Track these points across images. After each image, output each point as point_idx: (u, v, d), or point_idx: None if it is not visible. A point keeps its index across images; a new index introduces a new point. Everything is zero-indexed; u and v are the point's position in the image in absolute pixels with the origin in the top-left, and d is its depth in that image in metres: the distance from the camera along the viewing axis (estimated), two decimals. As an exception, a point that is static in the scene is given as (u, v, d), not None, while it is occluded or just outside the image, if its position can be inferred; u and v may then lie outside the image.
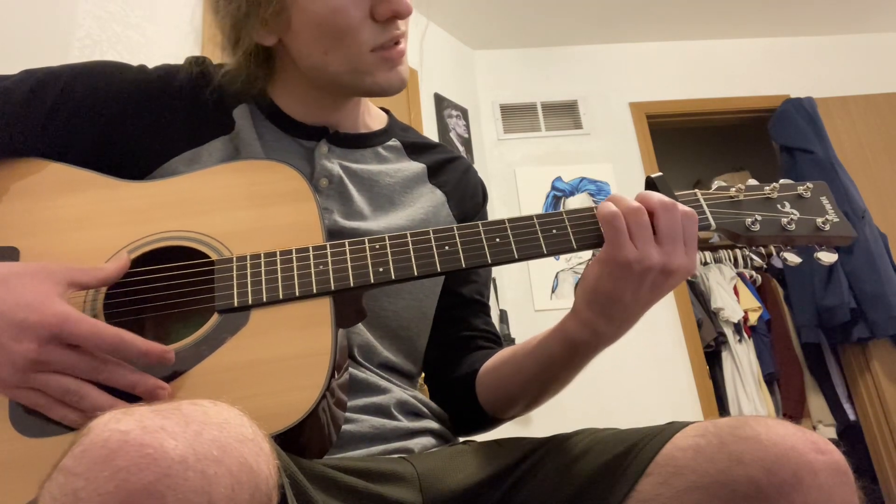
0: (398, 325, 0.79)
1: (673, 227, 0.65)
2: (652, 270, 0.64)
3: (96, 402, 0.54)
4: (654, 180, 0.71)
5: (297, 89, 0.82)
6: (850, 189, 3.22)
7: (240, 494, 0.39)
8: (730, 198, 0.72)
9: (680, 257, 0.65)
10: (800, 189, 0.74)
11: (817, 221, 0.71)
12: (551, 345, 0.73)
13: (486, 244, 0.67)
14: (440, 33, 3.32)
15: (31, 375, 0.54)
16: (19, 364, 0.53)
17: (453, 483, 0.66)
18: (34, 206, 0.68)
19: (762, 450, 0.53)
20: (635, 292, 0.65)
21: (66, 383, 0.55)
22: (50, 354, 0.54)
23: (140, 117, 0.76)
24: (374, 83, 0.77)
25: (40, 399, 0.55)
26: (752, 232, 0.70)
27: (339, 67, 0.75)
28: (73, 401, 0.55)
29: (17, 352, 0.53)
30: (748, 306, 3.36)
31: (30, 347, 0.53)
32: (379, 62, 0.76)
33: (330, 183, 0.79)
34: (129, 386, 0.56)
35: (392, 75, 0.77)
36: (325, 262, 0.64)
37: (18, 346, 0.53)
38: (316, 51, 0.75)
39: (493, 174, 3.33)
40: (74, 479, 0.36)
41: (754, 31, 3.72)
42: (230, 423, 0.42)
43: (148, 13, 1.91)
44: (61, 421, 0.55)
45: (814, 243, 0.72)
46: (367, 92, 0.80)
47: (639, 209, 0.65)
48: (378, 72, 0.76)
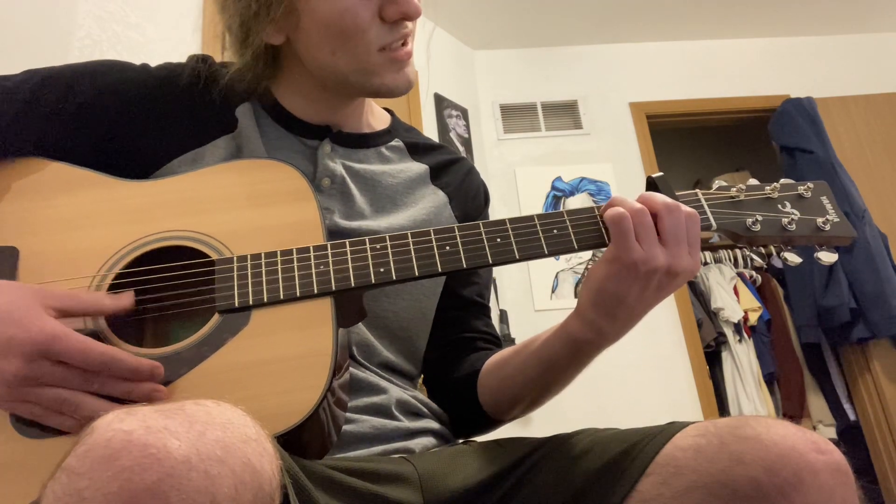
0: (398, 326, 0.79)
1: (677, 229, 0.65)
2: (658, 272, 0.64)
3: (93, 408, 0.54)
4: (656, 180, 0.71)
5: (302, 88, 0.82)
6: (850, 189, 3.22)
7: (243, 495, 0.39)
8: (730, 198, 0.72)
9: (685, 258, 0.65)
10: (800, 189, 0.73)
11: (818, 221, 0.71)
12: (554, 344, 0.73)
13: (487, 244, 0.67)
14: (441, 33, 3.32)
15: (23, 390, 0.54)
16: (9, 381, 0.54)
17: (454, 484, 0.66)
18: (35, 205, 0.68)
19: (763, 450, 0.53)
20: (640, 293, 0.65)
21: (61, 394, 0.55)
22: (39, 370, 0.54)
23: (143, 117, 0.76)
24: (382, 84, 0.77)
25: (36, 409, 0.55)
26: (752, 232, 0.70)
27: (346, 67, 0.76)
28: (69, 410, 0.55)
29: (5, 370, 0.53)
30: (748, 306, 3.36)
31: (18, 365, 0.53)
32: (386, 63, 0.76)
33: (332, 182, 0.79)
34: (125, 394, 0.56)
35: (399, 77, 0.78)
36: (326, 262, 0.64)
37: (6, 363, 0.53)
38: (324, 50, 0.75)
39: (493, 174, 3.33)
40: (78, 478, 0.36)
41: (754, 31, 3.72)
42: (233, 423, 0.42)
43: (148, 13, 1.91)
44: (59, 428, 0.55)
45: (814, 243, 0.72)
46: (374, 93, 0.80)
47: (643, 210, 0.65)
48: (385, 73, 0.77)
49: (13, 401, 0.55)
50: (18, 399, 0.54)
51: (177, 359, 0.58)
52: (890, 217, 3.30)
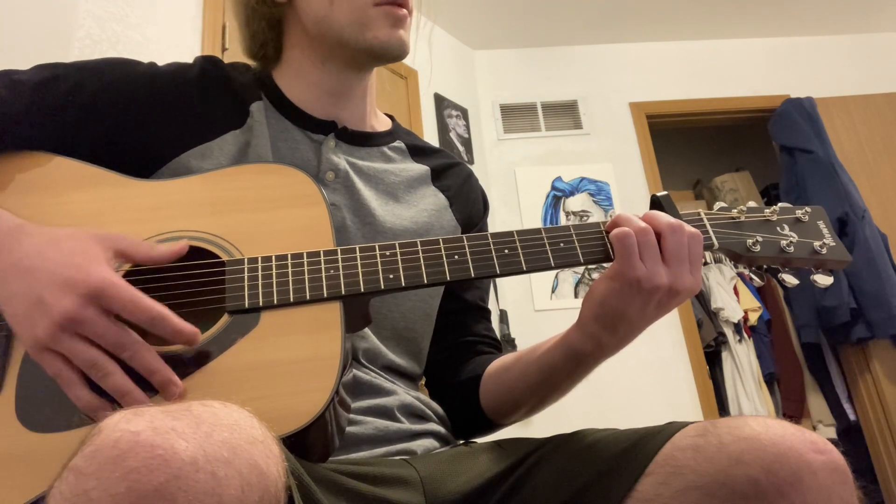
0: (404, 326, 0.80)
1: (679, 248, 0.66)
2: (660, 290, 0.66)
3: (117, 382, 0.54)
4: (660, 199, 0.73)
5: (303, 68, 0.85)
6: (850, 189, 3.22)
7: (249, 496, 0.39)
8: (732, 218, 0.74)
9: (686, 277, 0.66)
10: (798, 213, 0.76)
11: (815, 245, 0.74)
12: (555, 354, 0.74)
13: (496, 255, 0.68)
14: (441, 33, 3.32)
15: (64, 336, 0.54)
16: (56, 319, 0.53)
17: (455, 486, 0.67)
18: (47, 200, 0.69)
19: (761, 450, 0.53)
20: (641, 309, 0.67)
21: (94, 355, 0.54)
22: (87, 314, 0.54)
23: (150, 112, 0.77)
24: (375, 37, 0.80)
25: (63, 369, 0.55)
26: (752, 252, 0.72)
27: (342, 19, 0.79)
28: (96, 375, 0.54)
29: (57, 307, 0.53)
30: (748, 306, 3.37)
31: (70, 303, 0.53)
32: (381, 16, 0.79)
33: (336, 177, 0.80)
34: (149, 371, 0.55)
35: (392, 33, 0.80)
36: (336, 266, 0.65)
37: (59, 301, 0.53)
38: (322, 2, 0.79)
39: (493, 174, 3.33)
40: (85, 479, 0.37)
41: (754, 31, 3.72)
42: (240, 424, 0.42)
43: (148, 13, 1.92)
44: (75, 402, 0.55)
45: (810, 266, 0.75)
46: (367, 48, 0.81)
47: (647, 229, 0.66)
48: (380, 27, 0.79)
49: (48, 348, 0.54)
50: (55, 346, 0.54)
51: (184, 357, 0.59)
52: (890, 217, 3.30)
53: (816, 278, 0.74)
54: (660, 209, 0.72)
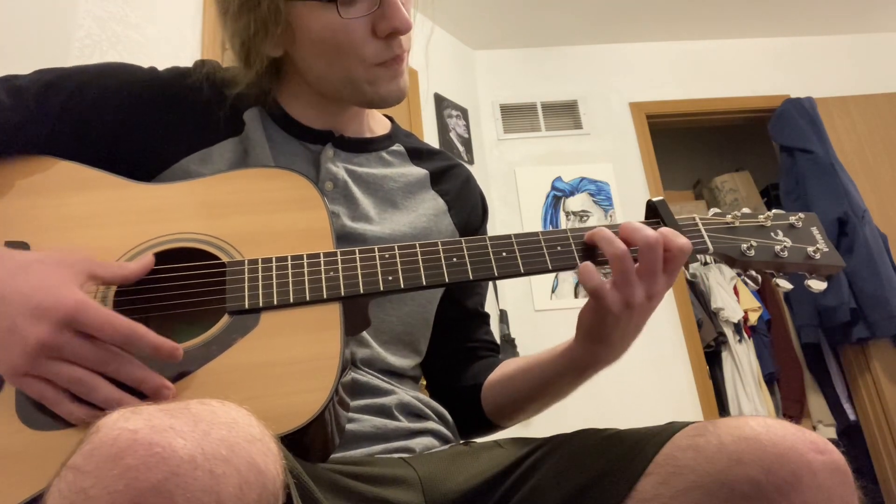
0: (403, 330, 0.81)
1: (654, 264, 0.66)
2: (636, 306, 0.67)
3: (107, 394, 0.54)
4: (656, 205, 0.74)
5: (303, 95, 0.84)
6: (850, 189, 3.22)
7: (248, 494, 0.39)
8: (726, 224, 0.75)
9: (660, 285, 0.67)
10: (791, 219, 0.77)
11: (808, 250, 0.75)
12: (556, 366, 0.77)
13: (493, 258, 0.68)
14: (441, 33, 3.33)
15: (41, 361, 0.53)
16: (31, 347, 0.53)
17: (454, 485, 0.67)
18: (46, 203, 0.69)
19: (761, 450, 0.53)
20: (626, 323, 0.69)
21: (77, 373, 0.54)
22: (62, 339, 0.53)
23: (151, 117, 0.77)
24: (375, 93, 0.79)
25: (48, 391, 0.54)
26: (747, 257, 0.73)
27: (341, 80, 0.78)
28: (82, 392, 0.54)
29: (30, 334, 0.53)
30: (748, 306, 3.37)
31: (43, 330, 0.53)
32: (382, 73, 0.78)
33: (335, 186, 0.80)
34: (137, 382, 0.55)
35: (391, 86, 0.79)
36: (336, 268, 0.65)
37: (32, 328, 0.53)
38: (319, 63, 0.78)
39: (493, 174, 3.33)
40: (84, 477, 0.37)
41: (754, 31, 3.72)
42: (238, 422, 0.42)
43: (148, 13, 1.92)
44: (67, 418, 0.55)
45: (804, 271, 0.76)
46: (368, 103, 0.82)
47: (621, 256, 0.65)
48: (379, 82, 0.79)
49: (27, 374, 0.54)
50: (34, 372, 0.54)
51: (184, 357, 0.59)
52: (890, 217, 3.31)
53: (810, 283, 0.75)
54: (656, 216, 0.73)
